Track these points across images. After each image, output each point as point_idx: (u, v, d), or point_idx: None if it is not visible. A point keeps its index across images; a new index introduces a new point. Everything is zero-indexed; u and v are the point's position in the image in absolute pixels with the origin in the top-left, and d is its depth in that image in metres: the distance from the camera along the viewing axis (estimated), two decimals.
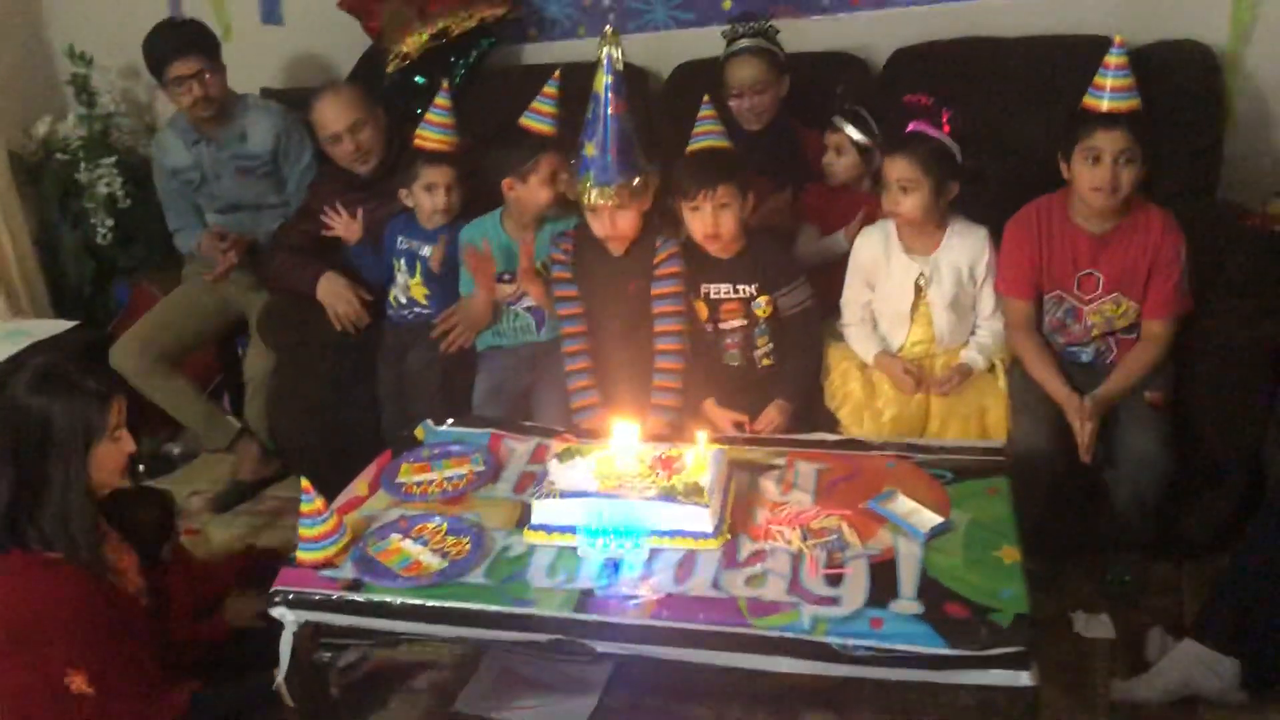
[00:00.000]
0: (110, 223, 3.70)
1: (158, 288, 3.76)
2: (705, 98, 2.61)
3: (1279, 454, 2.36)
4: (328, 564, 1.97)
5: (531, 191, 2.64)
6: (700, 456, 2.02)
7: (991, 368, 2.48)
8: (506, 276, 2.71)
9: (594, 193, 2.40)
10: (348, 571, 1.95)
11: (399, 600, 1.88)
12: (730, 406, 2.51)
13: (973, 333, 2.53)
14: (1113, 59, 2.33)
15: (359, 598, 1.89)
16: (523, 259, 2.62)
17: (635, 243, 2.51)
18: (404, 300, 2.90)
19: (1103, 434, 2.31)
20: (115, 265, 3.86)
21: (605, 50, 2.33)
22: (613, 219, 2.44)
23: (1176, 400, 2.36)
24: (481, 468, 2.25)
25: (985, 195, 2.56)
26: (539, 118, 2.63)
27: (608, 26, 2.38)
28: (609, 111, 2.35)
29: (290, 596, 1.92)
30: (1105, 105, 2.32)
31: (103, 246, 3.76)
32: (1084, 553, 2.51)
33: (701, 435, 2.07)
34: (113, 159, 3.72)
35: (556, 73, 2.66)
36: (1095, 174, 2.31)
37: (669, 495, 1.94)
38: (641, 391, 2.50)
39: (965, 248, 2.48)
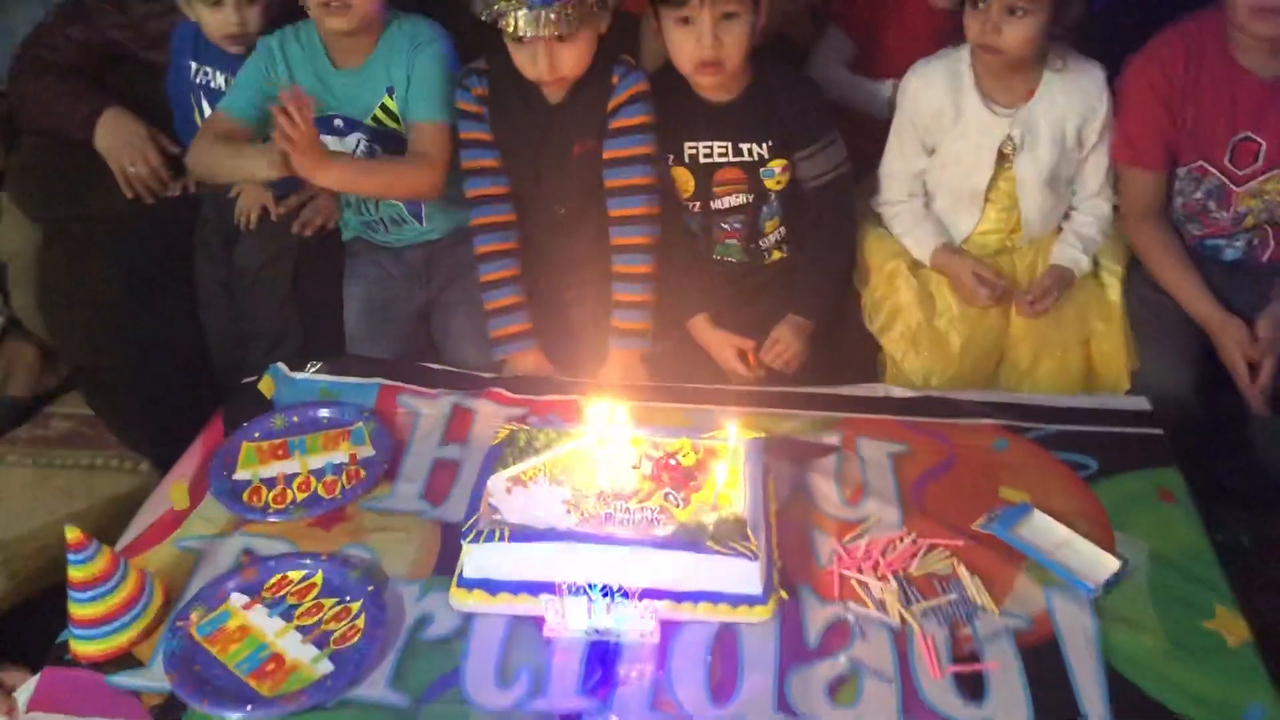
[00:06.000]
0: None
1: None
2: None
3: None
4: (121, 655, 1.18)
5: None
6: (734, 458, 1.27)
7: (1095, 271, 1.78)
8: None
9: (520, 18, 1.54)
10: (157, 678, 1.16)
11: None
12: (726, 323, 1.81)
13: (1066, 217, 1.80)
14: None
15: None
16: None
17: (581, 84, 1.69)
18: None
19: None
20: None
21: None
22: (552, 55, 1.61)
23: None
24: (370, 451, 1.47)
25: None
26: None
27: None
28: None
29: None
30: None
31: None
32: None
33: (732, 426, 1.30)
34: None
35: None
36: None
37: (693, 540, 1.19)
38: (594, 313, 1.80)
39: (1073, 98, 1.76)
